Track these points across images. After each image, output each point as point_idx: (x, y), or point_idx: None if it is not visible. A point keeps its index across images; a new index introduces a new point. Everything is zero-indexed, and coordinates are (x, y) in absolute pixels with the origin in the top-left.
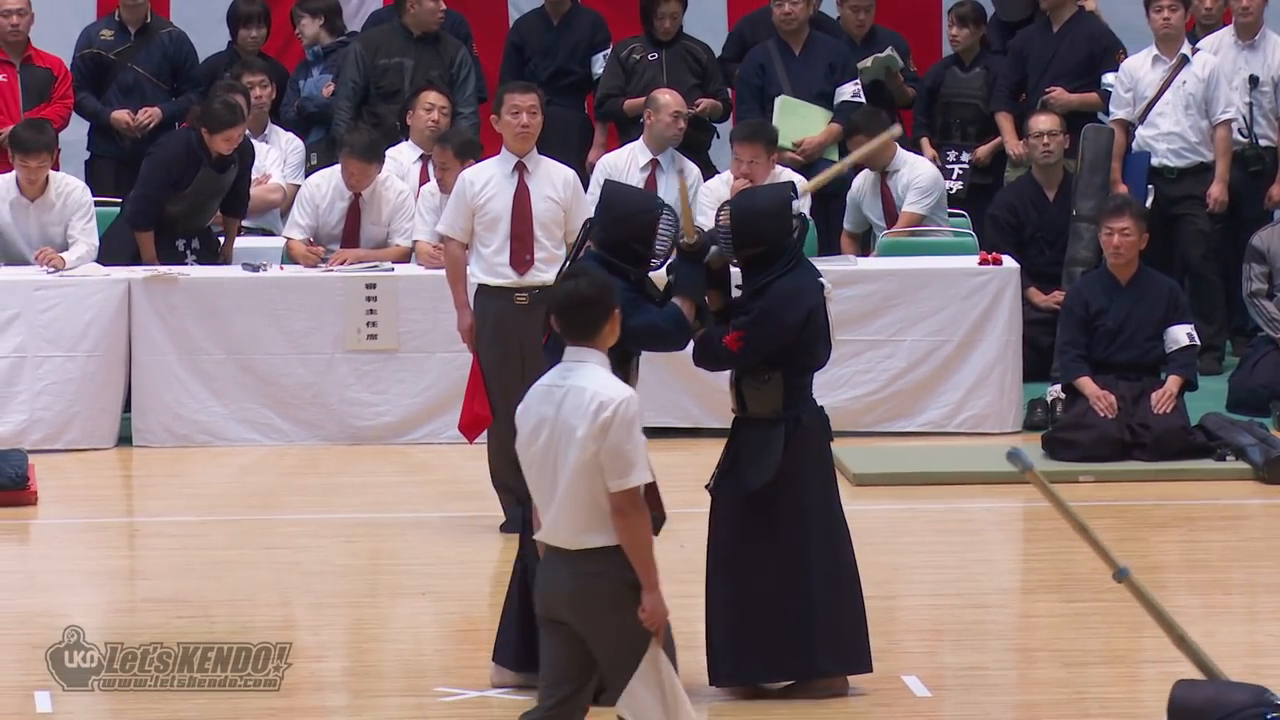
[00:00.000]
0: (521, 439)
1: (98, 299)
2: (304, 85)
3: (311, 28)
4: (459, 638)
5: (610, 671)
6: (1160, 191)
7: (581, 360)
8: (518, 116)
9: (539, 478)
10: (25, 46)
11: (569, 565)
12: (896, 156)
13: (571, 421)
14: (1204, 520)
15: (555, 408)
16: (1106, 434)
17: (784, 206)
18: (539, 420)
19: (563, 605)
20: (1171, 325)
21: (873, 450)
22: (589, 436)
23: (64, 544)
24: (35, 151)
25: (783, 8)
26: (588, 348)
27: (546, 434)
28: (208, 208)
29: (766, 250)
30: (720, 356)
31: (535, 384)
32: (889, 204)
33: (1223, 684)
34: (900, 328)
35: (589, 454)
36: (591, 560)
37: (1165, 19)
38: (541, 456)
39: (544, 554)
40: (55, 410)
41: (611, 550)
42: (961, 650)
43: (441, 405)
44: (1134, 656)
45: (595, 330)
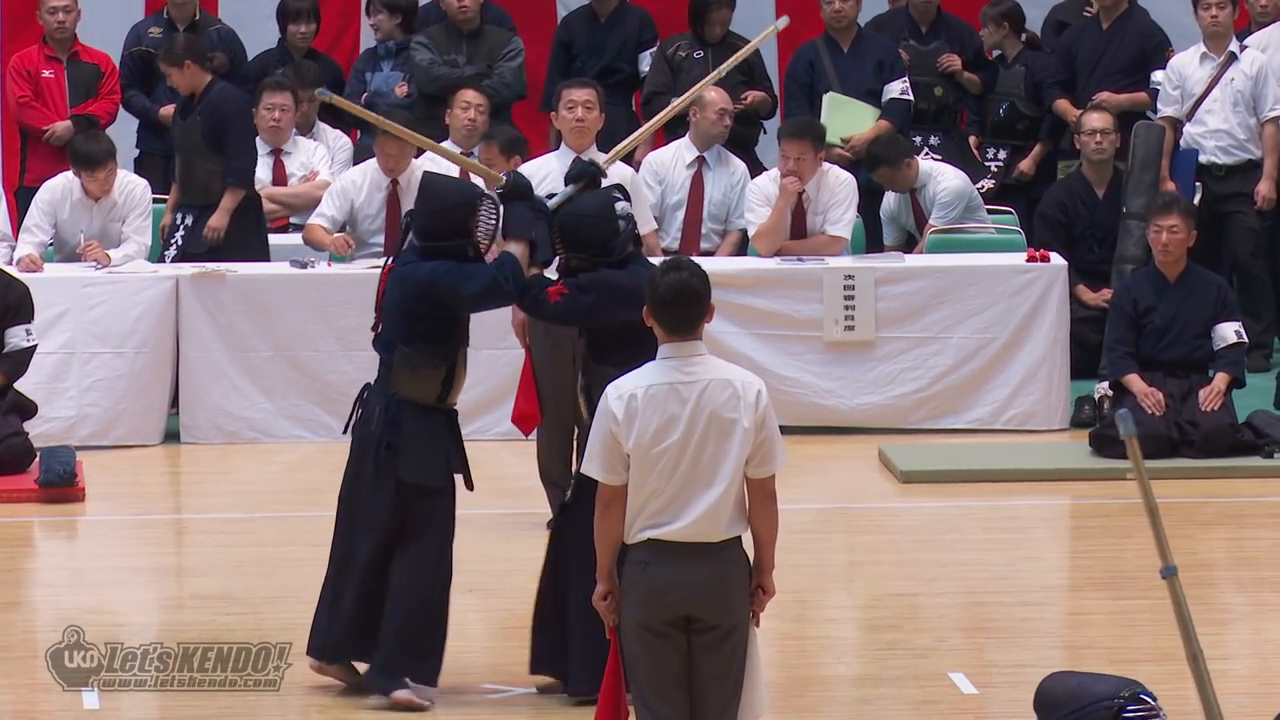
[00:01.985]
0: (643, 440)
1: (146, 295)
2: (371, 79)
3: (388, 24)
4: (506, 635)
5: (733, 657)
6: (1208, 189)
7: (695, 354)
8: (573, 111)
9: (671, 475)
10: (72, 43)
11: (711, 556)
12: (920, 173)
13: (728, 415)
14: (1252, 518)
15: (690, 403)
16: (1154, 431)
17: (608, 209)
18: (668, 418)
19: (702, 598)
20: (1219, 323)
21: (920, 447)
22: (754, 426)
23: (112, 541)
24: (100, 163)
25: (832, 5)
26: (693, 340)
27: (684, 430)
28: (193, 167)
29: (596, 253)
30: (539, 303)
31: (632, 384)
32: (920, 218)
33: (1089, 676)
34: (948, 325)
35: (754, 443)
36: (731, 549)
37: (1214, 16)
38: (678, 453)
39: (665, 553)
40: (103, 407)
41: (739, 539)
42: (1008, 648)
43: (489, 402)
44: (1182, 655)
45: (700, 323)
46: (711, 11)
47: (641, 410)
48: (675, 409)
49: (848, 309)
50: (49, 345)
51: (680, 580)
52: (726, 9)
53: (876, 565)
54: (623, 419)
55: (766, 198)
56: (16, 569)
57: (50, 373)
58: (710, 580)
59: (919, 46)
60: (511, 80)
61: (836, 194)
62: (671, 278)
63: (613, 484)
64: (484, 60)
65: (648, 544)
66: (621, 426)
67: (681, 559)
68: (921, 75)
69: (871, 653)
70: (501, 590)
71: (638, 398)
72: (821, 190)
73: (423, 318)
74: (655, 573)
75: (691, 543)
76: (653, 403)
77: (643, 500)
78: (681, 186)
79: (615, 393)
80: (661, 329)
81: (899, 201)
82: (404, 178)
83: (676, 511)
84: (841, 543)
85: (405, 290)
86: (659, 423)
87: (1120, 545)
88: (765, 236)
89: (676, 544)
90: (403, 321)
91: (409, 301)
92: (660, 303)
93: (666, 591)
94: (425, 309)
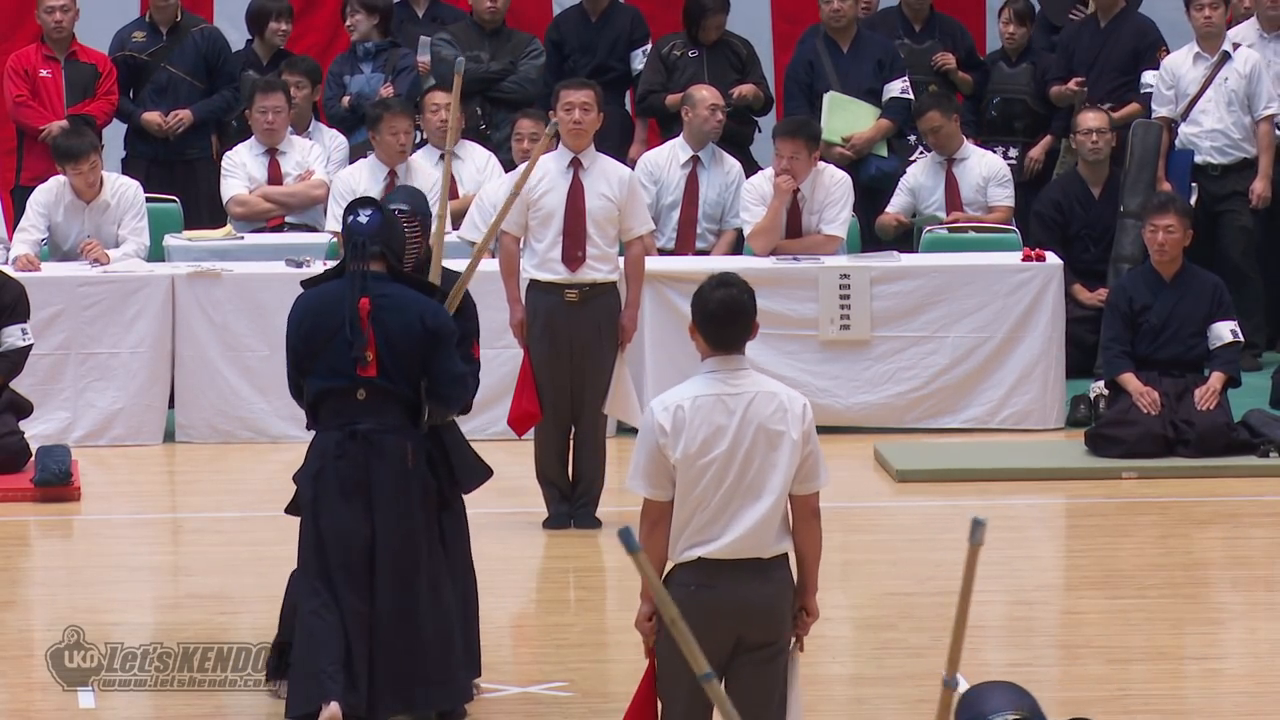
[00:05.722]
0: (690, 450)
1: (142, 295)
2: (350, 81)
3: (365, 25)
4: (501, 634)
5: (779, 676)
6: (1204, 189)
7: (740, 368)
8: (570, 113)
9: (719, 487)
10: (70, 43)
11: (762, 574)
12: (963, 145)
13: (775, 427)
14: (1247, 517)
15: (737, 415)
16: (1150, 430)
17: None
18: (715, 429)
19: (754, 619)
20: (1215, 322)
21: (916, 446)
22: (802, 439)
23: (108, 539)
24: (82, 156)
25: (831, 5)
26: (738, 354)
27: (731, 441)
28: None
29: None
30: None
31: (677, 396)
32: (953, 192)
33: (1000, 689)
34: (943, 324)
35: (801, 456)
36: (779, 566)
37: (1207, 17)
38: (725, 464)
39: (715, 573)
40: (99, 407)
41: (786, 556)
42: (1005, 647)
43: (486, 401)
44: (1177, 653)
45: (745, 339)
46: (707, 16)
47: (689, 421)
48: (722, 420)
49: (843, 308)
50: (45, 345)
51: (731, 599)
52: (722, 14)
53: (872, 564)
54: (670, 430)
55: (762, 197)
56: (12, 568)
57: (46, 373)
58: (762, 599)
59: (913, 45)
60: (535, 78)
61: (832, 193)
62: (721, 294)
63: (659, 500)
64: (507, 58)
65: (697, 564)
66: (669, 438)
67: (733, 578)
68: (916, 74)
69: (867, 652)
70: (497, 589)
71: (684, 409)
72: (817, 189)
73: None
74: (705, 595)
75: (741, 559)
76: (700, 414)
77: (689, 513)
78: (676, 186)
79: (661, 405)
80: (707, 343)
81: (930, 173)
82: (401, 169)
83: (724, 525)
84: (837, 542)
85: (412, 326)
86: (706, 433)
87: (1116, 544)
88: (760, 236)
89: (726, 561)
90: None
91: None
92: (709, 318)
93: (717, 613)
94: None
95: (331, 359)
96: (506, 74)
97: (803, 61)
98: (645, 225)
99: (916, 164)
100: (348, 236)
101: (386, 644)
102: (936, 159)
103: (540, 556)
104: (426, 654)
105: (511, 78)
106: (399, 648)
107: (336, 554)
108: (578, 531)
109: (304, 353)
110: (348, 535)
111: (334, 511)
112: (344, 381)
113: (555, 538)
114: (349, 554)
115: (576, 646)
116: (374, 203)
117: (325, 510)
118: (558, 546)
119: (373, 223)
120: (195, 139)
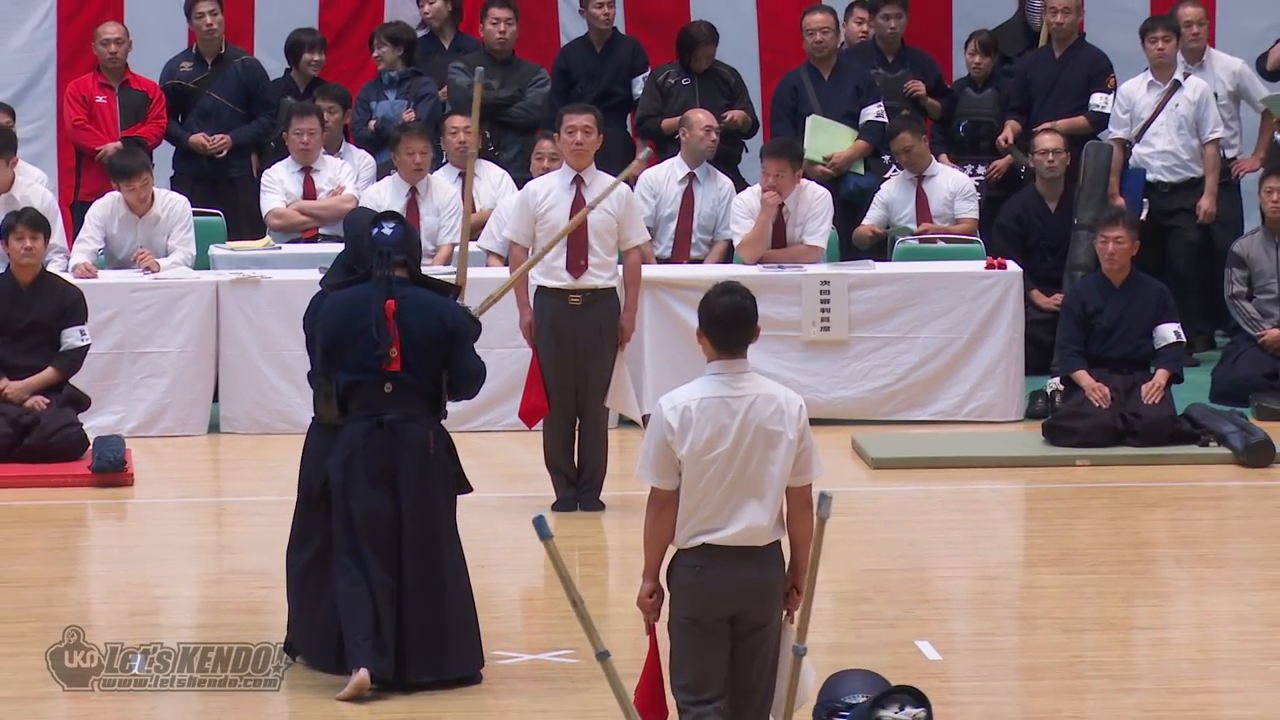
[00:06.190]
0: (696, 447)
1: (189, 300)
2: (376, 106)
3: (390, 55)
4: (514, 606)
5: (770, 649)
6: (1154, 204)
7: (743, 370)
8: (573, 135)
9: (721, 482)
10: (124, 71)
11: (758, 559)
12: (932, 163)
13: (774, 428)
14: (1190, 500)
15: (739, 416)
16: (1101, 422)
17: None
18: (718, 429)
19: (750, 598)
20: (1160, 324)
21: (890, 437)
22: (798, 437)
23: (158, 521)
24: (135, 174)
25: (814, 37)
26: (740, 358)
27: (733, 440)
28: None
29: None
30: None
31: (685, 397)
32: (923, 205)
33: (859, 674)
34: (914, 326)
35: (797, 452)
36: (773, 552)
37: (1160, 49)
38: (728, 461)
39: (718, 556)
40: (150, 401)
41: (779, 543)
42: (970, 618)
43: (499, 397)
44: (1126, 624)
45: (748, 342)
46: (699, 47)
47: (695, 420)
48: (725, 420)
49: (824, 311)
50: (101, 345)
51: (732, 581)
52: (711, 45)
53: (850, 544)
54: (677, 428)
55: (750, 211)
56: (72, 546)
57: (102, 370)
58: (758, 582)
59: (886, 74)
60: (540, 104)
61: (814, 207)
62: (726, 300)
63: (665, 488)
64: (515, 85)
65: (701, 549)
66: (676, 435)
67: (733, 562)
68: (889, 99)
69: (845, 623)
70: (510, 566)
71: (691, 409)
72: (800, 204)
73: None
74: (709, 575)
75: (741, 546)
76: (705, 414)
77: (694, 505)
78: (674, 200)
79: (670, 404)
80: (713, 346)
81: (902, 189)
82: (422, 185)
83: (727, 517)
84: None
85: (432, 325)
86: (710, 432)
87: (1070, 525)
88: (749, 246)
89: (728, 548)
90: (434, 355)
91: (436, 338)
92: (715, 322)
93: (720, 592)
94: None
95: (360, 355)
96: (515, 100)
97: (787, 87)
98: (641, 236)
99: (890, 180)
100: (374, 246)
101: (413, 615)
102: (908, 176)
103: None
104: (449, 624)
105: (519, 104)
106: (425, 619)
107: (366, 533)
108: (583, 514)
109: (333, 349)
110: (376, 516)
111: (363, 495)
112: (371, 376)
113: (563, 519)
114: (378, 533)
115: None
116: (396, 216)
117: (355, 493)
118: (565, 527)
119: (396, 234)
120: (236, 159)
